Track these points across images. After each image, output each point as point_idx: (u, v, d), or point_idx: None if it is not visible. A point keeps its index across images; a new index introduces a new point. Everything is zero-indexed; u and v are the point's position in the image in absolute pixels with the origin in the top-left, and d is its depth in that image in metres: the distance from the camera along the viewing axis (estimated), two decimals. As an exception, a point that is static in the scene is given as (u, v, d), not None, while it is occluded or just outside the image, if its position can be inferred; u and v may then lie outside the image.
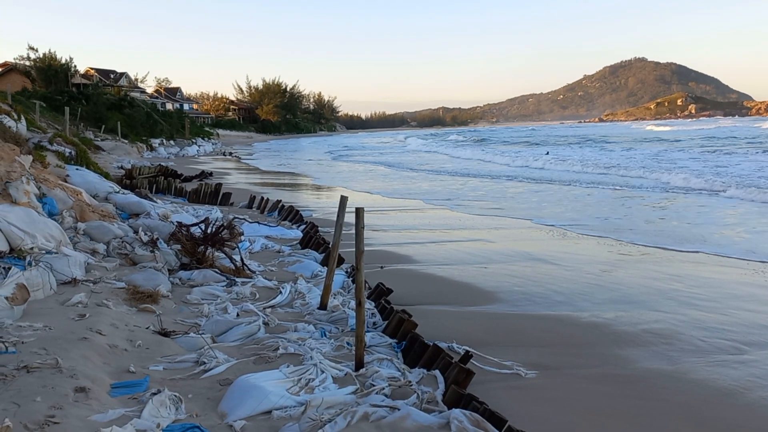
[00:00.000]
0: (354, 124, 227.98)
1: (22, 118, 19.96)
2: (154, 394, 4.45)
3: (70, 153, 16.86)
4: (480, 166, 37.00)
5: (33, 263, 6.91)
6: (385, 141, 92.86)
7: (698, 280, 9.28)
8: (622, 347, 6.45)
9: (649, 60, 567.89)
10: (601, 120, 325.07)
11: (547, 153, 44.91)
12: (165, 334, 6.09)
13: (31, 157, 10.78)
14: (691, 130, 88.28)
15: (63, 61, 64.68)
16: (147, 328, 6.15)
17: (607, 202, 18.70)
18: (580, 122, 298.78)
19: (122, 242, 9.20)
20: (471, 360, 5.52)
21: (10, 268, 6.41)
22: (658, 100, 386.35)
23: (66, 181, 11.93)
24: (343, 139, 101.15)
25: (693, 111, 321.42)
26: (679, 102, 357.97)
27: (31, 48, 64.11)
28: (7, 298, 5.76)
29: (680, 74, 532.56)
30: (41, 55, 63.82)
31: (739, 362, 6.03)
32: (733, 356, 6.19)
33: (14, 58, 65.30)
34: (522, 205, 18.46)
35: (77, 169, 14.21)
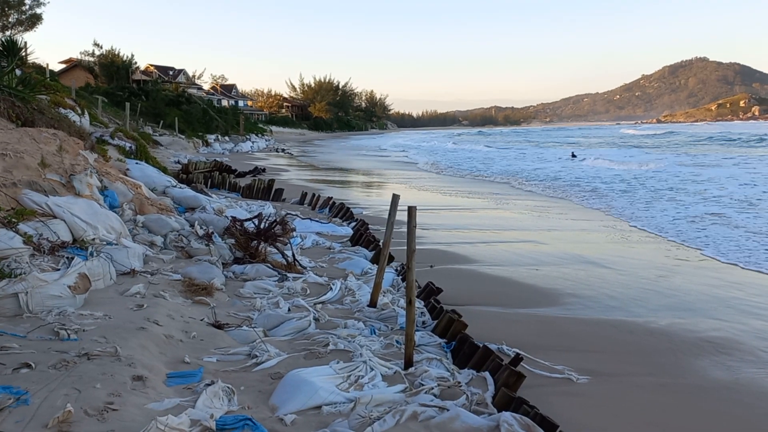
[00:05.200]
0: (405, 122, 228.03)
1: (86, 112, 20.68)
2: (208, 385, 4.55)
3: (130, 147, 17.36)
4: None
5: (94, 254, 7.13)
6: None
7: (760, 288, 8.95)
8: (679, 356, 6.27)
9: (710, 60, 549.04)
10: (659, 121, 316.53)
11: (574, 155, 43.81)
12: (219, 326, 6.22)
13: (95, 153, 11.15)
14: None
15: (125, 57, 66.83)
16: (201, 320, 6.29)
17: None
18: (637, 123, 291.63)
19: (179, 235, 9.44)
20: (521, 363, 5.46)
21: (73, 258, 6.64)
22: (720, 101, 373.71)
23: (126, 175, 12.28)
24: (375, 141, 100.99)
25: (757, 113, 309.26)
26: (741, 103, 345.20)
27: (96, 44, 66.46)
28: (69, 286, 5.97)
29: (744, 75, 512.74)
30: (104, 52, 66.08)
31: (803, 376, 5.79)
32: (798, 369, 5.95)
33: (80, 53, 67.77)
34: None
35: (137, 163, 14.61)
